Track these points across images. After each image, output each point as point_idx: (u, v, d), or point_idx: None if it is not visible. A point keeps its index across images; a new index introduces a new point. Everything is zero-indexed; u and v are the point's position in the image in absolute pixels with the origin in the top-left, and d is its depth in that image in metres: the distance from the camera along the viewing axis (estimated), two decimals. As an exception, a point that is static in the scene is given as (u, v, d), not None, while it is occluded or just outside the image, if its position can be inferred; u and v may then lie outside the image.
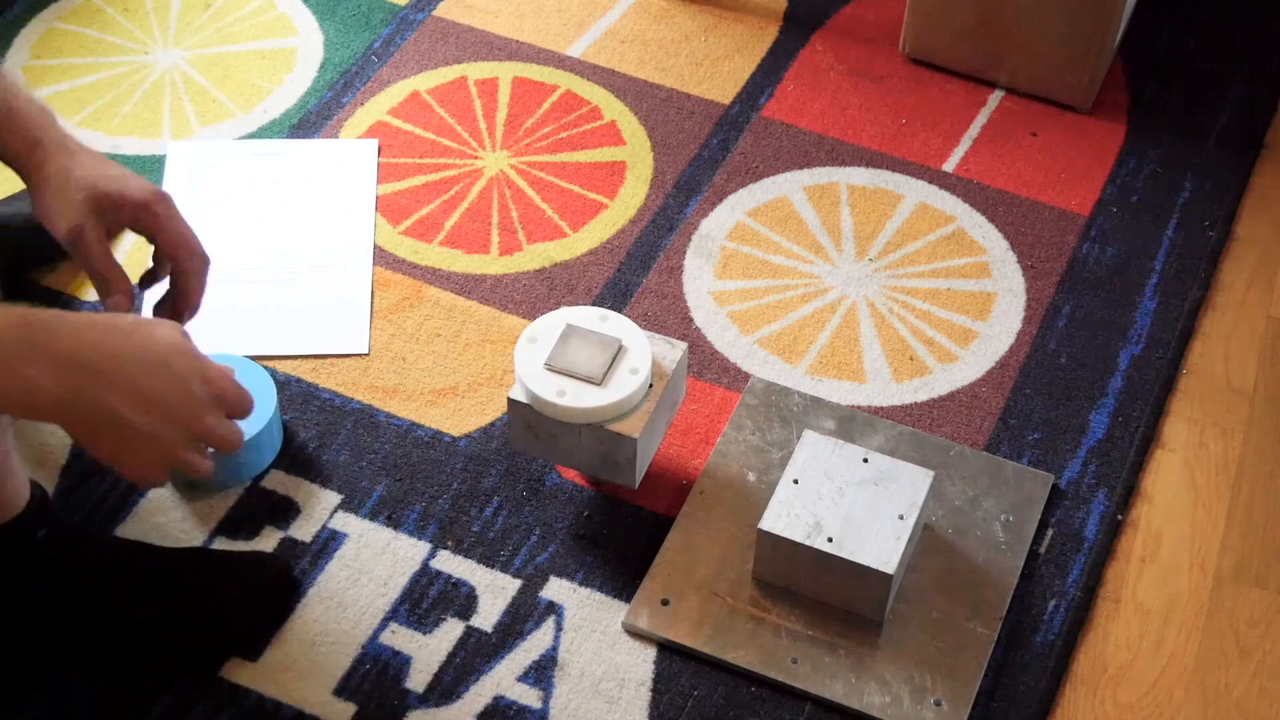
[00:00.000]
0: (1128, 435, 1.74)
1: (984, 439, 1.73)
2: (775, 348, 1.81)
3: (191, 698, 1.51)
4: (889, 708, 1.51)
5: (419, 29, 2.15)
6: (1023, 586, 1.61)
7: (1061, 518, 1.67)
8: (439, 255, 1.89)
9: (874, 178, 1.99)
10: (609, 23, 2.18)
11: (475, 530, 1.64)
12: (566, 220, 1.93)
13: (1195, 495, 1.70)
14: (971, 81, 2.11)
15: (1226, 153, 2.03)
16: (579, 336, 1.58)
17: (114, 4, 2.17)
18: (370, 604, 1.58)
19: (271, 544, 1.62)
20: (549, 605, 1.58)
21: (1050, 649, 1.56)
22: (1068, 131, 2.06)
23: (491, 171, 1.98)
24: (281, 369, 1.77)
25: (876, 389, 1.77)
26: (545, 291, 1.86)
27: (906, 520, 1.54)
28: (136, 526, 1.63)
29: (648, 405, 1.56)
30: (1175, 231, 1.94)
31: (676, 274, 1.88)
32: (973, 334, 1.83)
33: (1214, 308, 1.88)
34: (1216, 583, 1.63)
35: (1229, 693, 1.55)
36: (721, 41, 2.15)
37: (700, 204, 1.95)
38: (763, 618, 1.57)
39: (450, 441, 1.71)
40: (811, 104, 2.07)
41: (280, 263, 1.87)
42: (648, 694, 1.53)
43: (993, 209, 1.96)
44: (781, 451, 1.69)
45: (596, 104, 2.06)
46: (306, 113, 2.04)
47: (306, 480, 1.68)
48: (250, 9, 2.17)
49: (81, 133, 2.00)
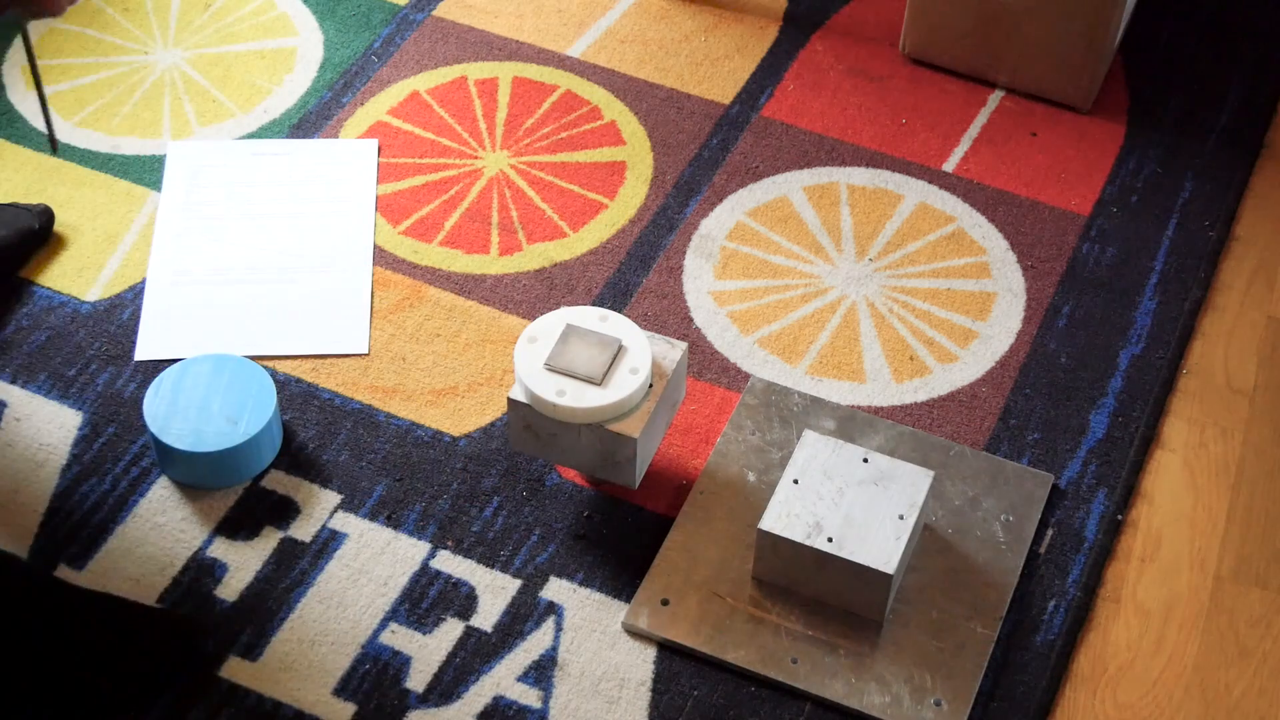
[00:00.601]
0: (1128, 435, 1.74)
1: (984, 439, 1.73)
2: (775, 348, 1.81)
3: (191, 698, 1.51)
4: (889, 708, 1.51)
5: (419, 29, 2.15)
6: (1023, 586, 1.61)
7: (1061, 518, 1.66)
8: (439, 255, 1.89)
9: (874, 178, 1.99)
10: (609, 23, 2.18)
11: (475, 530, 1.64)
12: (566, 220, 1.93)
13: (1195, 495, 1.70)
14: (971, 81, 2.11)
15: (1226, 153, 2.03)
16: (579, 336, 1.58)
17: (114, 4, 2.17)
18: (370, 604, 1.58)
19: (271, 544, 1.62)
20: (549, 605, 1.58)
21: (1050, 649, 1.56)
22: (1068, 131, 2.05)
23: (491, 171, 1.98)
24: (281, 369, 1.77)
25: (876, 389, 1.77)
26: (545, 291, 1.85)
27: (906, 520, 1.54)
28: (136, 526, 1.63)
29: (648, 405, 1.56)
30: (1175, 231, 1.94)
31: (676, 274, 1.88)
32: (973, 334, 1.83)
33: (1214, 308, 1.88)
34: (1216, 583, 1.63)
35: (1229, 693, 1.55)
36: (721, 41, 2.15)
37: (700, 204, 1.95)
38: (763, 618, 1.57)
39: (450, 441, 1.71)
40: (811, 104, 2.07)
41: (280, 263, 1.87)
42: (648, 694, 1.53)
43: (993, 209, 1.96)
44: (781, 451, 1.69)
45: (596, 104, 2.06)
46: (306, 113, 2.04)
47: (306, 480, 1.67)
48: (250, 9, 2.17)
49: (81, 132, 2.00)
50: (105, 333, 1.80)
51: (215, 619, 1.56)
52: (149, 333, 1.80)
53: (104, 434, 1.71)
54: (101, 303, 1.83)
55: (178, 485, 1.67)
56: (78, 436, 1.70)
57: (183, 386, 1.68)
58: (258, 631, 1.56)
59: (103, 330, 1.80)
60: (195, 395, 1.67)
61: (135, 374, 1.76)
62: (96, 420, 1.72)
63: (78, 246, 1.88)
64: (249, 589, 1.59)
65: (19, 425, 1.71)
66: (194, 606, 1.57)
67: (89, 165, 1.97)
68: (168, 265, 1.86)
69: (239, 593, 1.59)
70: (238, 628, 1.56)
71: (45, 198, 1.93)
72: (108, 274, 1.86)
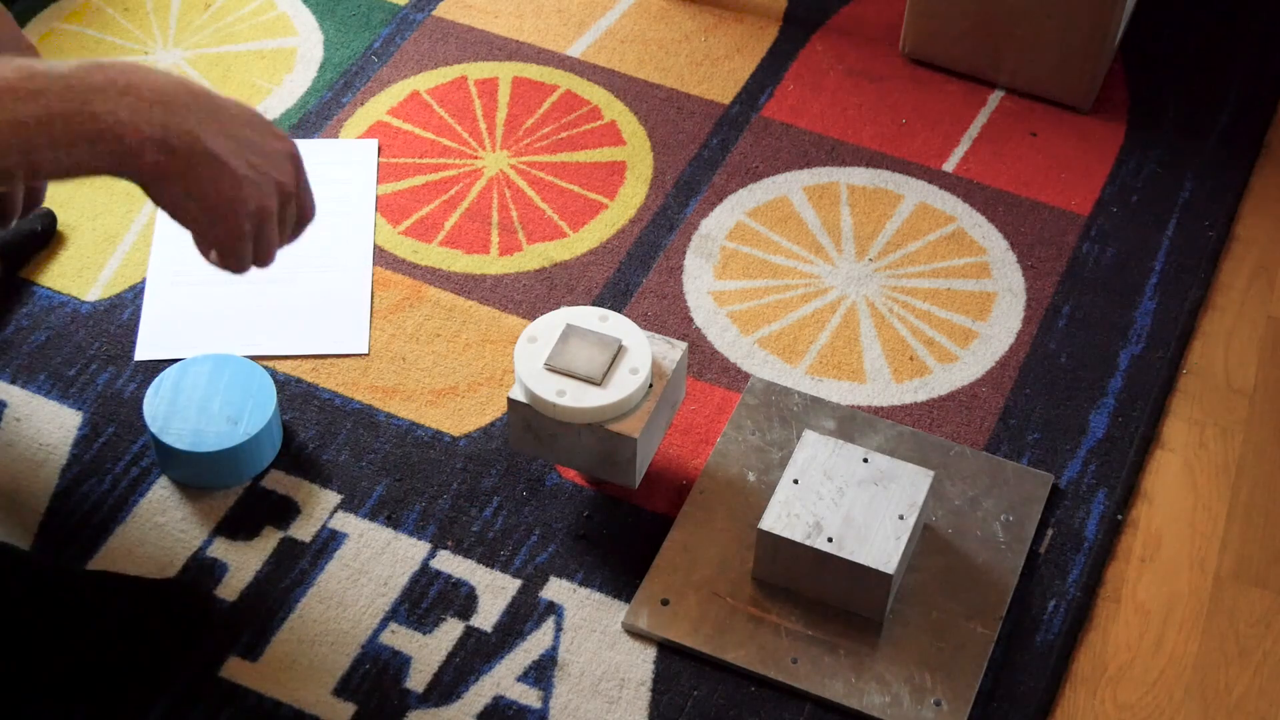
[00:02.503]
0: (1128, 435, 1.74)
1: (984, 439, 1.73)
2: (775, 348, 1.81)
3: (191, 698, 1.51)
4: (889, 708, 1.51)
5: (419, 29, 2.15)
6: (1023, 586, 1.61)
7: (1061, 518, 1.67)
8: (439, 255, 1.89)
9: (874, 178, 1.99)
10: (609, 23, 2.18)
11: (475, 530, 1.64)
12: (566, 220, 1.93)
13: (1195, 495, 1.70)
14: (971, 81, 2.11)
15: (1226, 153, 2.03)
16: (579, 336, 1.58)
17: (114, 4, 2.17)
18: (370, 604, 1.58)
19: (271, 544, 1.62)
20: (549, 605, 1.58)
21: (1050, 649, 1.56)
22: (1068, 131, 2.06)
23: (491, 171, 1.98)
24: (281, 369, 1.77)
25: (876, 389, 1.77)
26: (545, 291, 1.85)
27: (906, 520, 1.54)
28: (136, 526, 1.63)
29: (648, 405, 1.56)
30: (1175, 231, 1.94)
31: (676, 274, 1.88)
32: (973, 334, 1.83)
33: (1214, 308, 1.88)
34: (1216, 583, 1.63)
35: (1229, 693, 1.55)
36: (721, 41, 2.15)
37: (700, 204, 1.95)
38: (763, 618, 1.57)
39: (450, 441, 1.71)
40: (811, 104, 2.07)
41: (280, 263, 1.87)
42: (648, 694, 1.53)
43: (993, 209, 1.96)
44: (781, 451, 1.69)
45: (596, 104, 2.06)
46: (306, 113, 2.04)
47: (306, 480, 1.68)
48: (250, 9, 2.17)
49: (81, 133, 2.00)
50: (105, 333, 1.80)
51: (215, 619, 1.56)
52: (149, 333, 1.80)
53: (104, 434, 1.71)
54: (101, 303, 1.83)
55: (178, 485, 1.67)
56: (77, 436, 1.70)
57: (183, 386, 1.68)
58: (258, 631, 1.56)
59: (103, 330, 1.80)
60: (195, 395, 1.67)
61: (135, 374, 1.76)
62: (96, 420, 1.72)
63: (78, 246, 1.88)
64: (249, 589, 1.59)
65: (19, 425, 1.71)
66: (194, 606, 1.57)
67: (89, 165, 1.97)
68: (168, 265, 1.86)
69: (239, 593, 1.59)
70: (238, 628, 1.56)
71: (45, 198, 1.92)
72: (108, 274, 1.86)
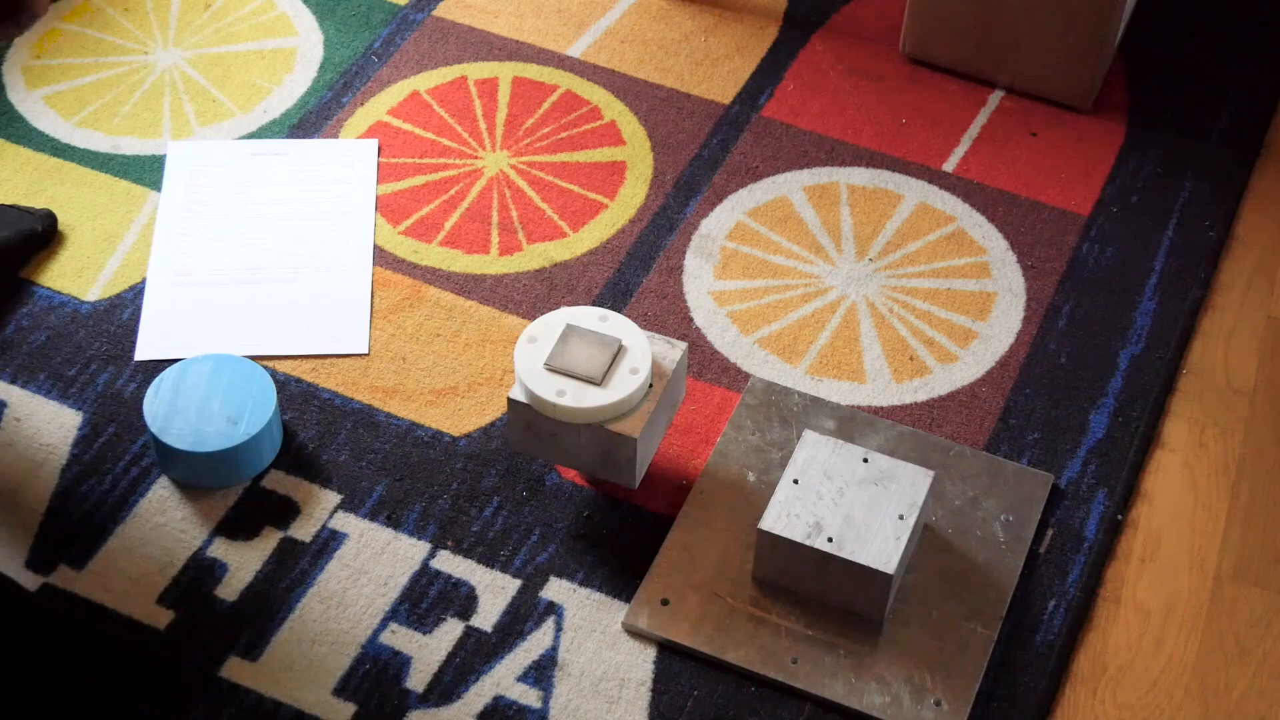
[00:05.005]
0: (1128, 435, 1.74)
1: (984, 439, 1.73)
2: (775, 348, 1.81)
3: (191, 698, 1.51)
4: (889, 708, 1.51)
5: (419, 29, 2.15)
6: (1023, 586, 1.61)
7: (1061, 518, 1.67)
8: (439, 255, 1.89)
9: (874, 178, 1.99)
10: (609, 23, 2.18)
11: (475, 530, 1.64)
12: (566, 220, 1.93)
13: (1195, 495, 1.70)
14: (971, 81, 2.11)
15: (1226, 153, 2.03)
16: (579, 336, 1.58)
17: (114, 4, 2.17)
18: (370, 604, 1.58)
19: (271, 544, 1.62)
20: (549, 605, 1.58)
21: (1050, 649, 1.56)
22: (1068, 131, 2.05)
23: (491, 171, 1.98)
24: (281, 369, 1.77)
25: (876, 389, 1.77)
26: (545, 291, 1.85)
27: (906, 520, 1.54)
28: (136, 526, 1.63)
29: (648, 405, 1.56)
30: (1175, 231, 1.94)
31: (676, 274, 1.88)
32: (973, 334, 1.83)
33: (1214, 308, 1.88)
34: (1216, 583, 1.63)
35: (1229, 693, 1.55)
36: (721, 41, 2.15)
37: (700, 204, 1.95)
38: (763, 618, 1.57)
39: (450, 441, 1.71)
40: (811, 104, 2.07)
41: (280, 263, 1.87)
42: (648, 694, 1.53)
43: (993, 209, 1.96)
44: (781, 451, 1.69)
45: (596, 104, 2.06)
46: (306, 113, 2.04)
47: (306, 480, 1.67)
48: (250, 9, 2.17)
49: (81, 132, 2.00)
50: (105, 333, 1.80)
51: (215, 619, 1.56)
52: (149, 333, 1.80)
53: (104, 434, 1.71)
54: (101, 303, 1.83)
55: (178, 485, 1.67)
56: (78, 436, 1.70)
57: (183, 386, 1.68)
58: (258, 631, 1.56)
59: (103, 330, 1.80)
60: (195, 395, 1.67)
61: (135, 374, 1.76)
62: (96, 420, 1.72)
63: (78, 246, 1.88)
64: (249, 589, 1.59)
65: (19, 425, 1.71)
66: (194, 606, 1.57)
67: (89, 165, 1.97)
68: (168, 265, 1.86)
69: (239, 593, 1.59)
70: (238, 628, 1.56)
71: (45, 198, 1.93)
72: (108, 274, 1.86)
